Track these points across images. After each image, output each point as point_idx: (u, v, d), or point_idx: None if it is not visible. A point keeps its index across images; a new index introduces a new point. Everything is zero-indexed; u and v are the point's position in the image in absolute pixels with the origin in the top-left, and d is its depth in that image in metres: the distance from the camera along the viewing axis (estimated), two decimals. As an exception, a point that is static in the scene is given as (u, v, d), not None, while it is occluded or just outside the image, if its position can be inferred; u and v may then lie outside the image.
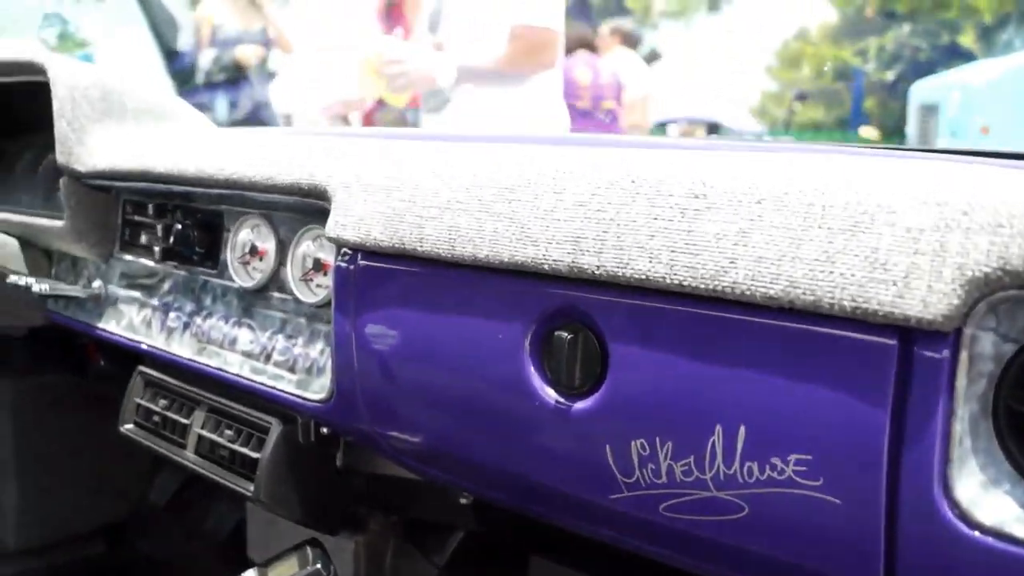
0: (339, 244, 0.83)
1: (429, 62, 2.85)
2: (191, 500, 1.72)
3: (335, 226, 0.83)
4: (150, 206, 1.15)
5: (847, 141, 13.42)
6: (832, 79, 21.99)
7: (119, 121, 1.22)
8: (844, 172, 0.59)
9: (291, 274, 0.97)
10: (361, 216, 0.81)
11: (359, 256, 0.82)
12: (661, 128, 13.15)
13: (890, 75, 18.14)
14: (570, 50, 5.23)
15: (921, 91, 9.02)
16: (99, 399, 1.51)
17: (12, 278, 1.30)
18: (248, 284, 1.02)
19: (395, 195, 0.79)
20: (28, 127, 1.50)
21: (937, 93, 8.64)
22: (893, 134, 12.02)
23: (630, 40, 7.05)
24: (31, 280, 1.27)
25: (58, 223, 1.24)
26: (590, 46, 5.86)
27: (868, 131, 14.53)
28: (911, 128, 8.87)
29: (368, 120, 3.40)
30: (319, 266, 0.95)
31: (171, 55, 6.39)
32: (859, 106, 16.91)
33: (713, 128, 14.96)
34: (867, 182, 0.56)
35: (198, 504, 1.71)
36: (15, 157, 1.55)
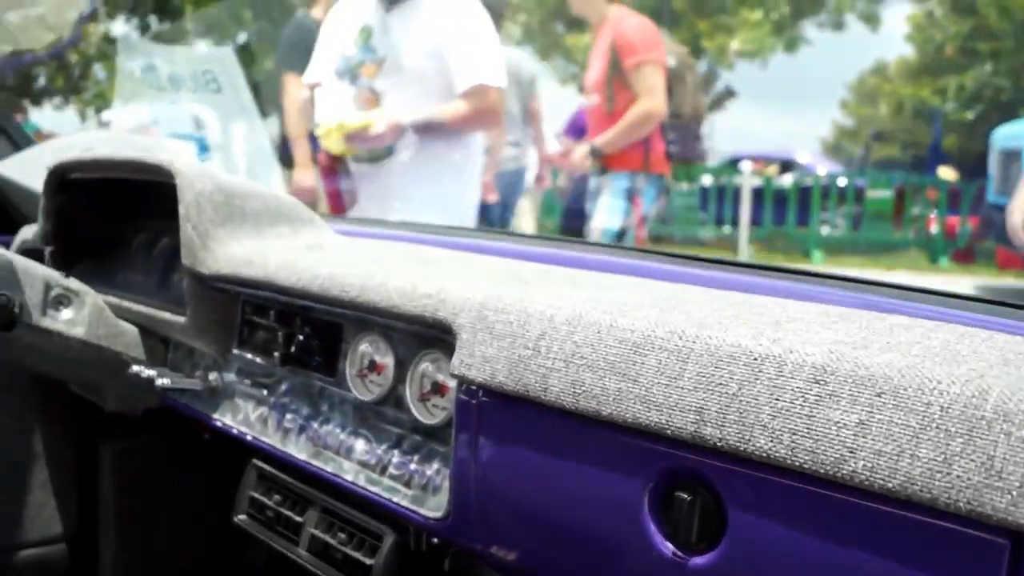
0: (463, 382, 0.88)
1: (395, 126, 2.85)
2: None
3: (460, 364, 0.87)
4: (271, 312, 1.21)
5: (924, 182, 13.27)
6: (910, 117, 21.70)
7: (239, 224, 1.28)
8: (963, 363, 0.62)
9: (409, 393, 1.02)
10: (486, 358, 0.85)
11: (482, 393, 0.87)
12: (733, 164, 13.14)
13: (970, 115, 17.88)
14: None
15: (1004, 137, 8.88)
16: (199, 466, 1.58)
17: (135, 368, 1.37)
18: (365, 398, 1.07)
19: (519, 342, 0.83)
20: (143, 210, 1.59)
21: (1020, 140, 8.50)
22: (972, 176, 11.83)
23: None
24: (153, 373, 1.34)
25: (180, 319, 1.31)
26: None
27: (947, 172, 14.34)
28: (993, 172, 8.74)
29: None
30: (437, 388, 0.99)
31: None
32: (937, 146, 16.67)
33: (786, 166, 14.90)
34: (986, 382, 0.59)
35: None
36: (130, 238, 1.63)
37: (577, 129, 6.56)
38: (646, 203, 4.00)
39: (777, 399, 0.65)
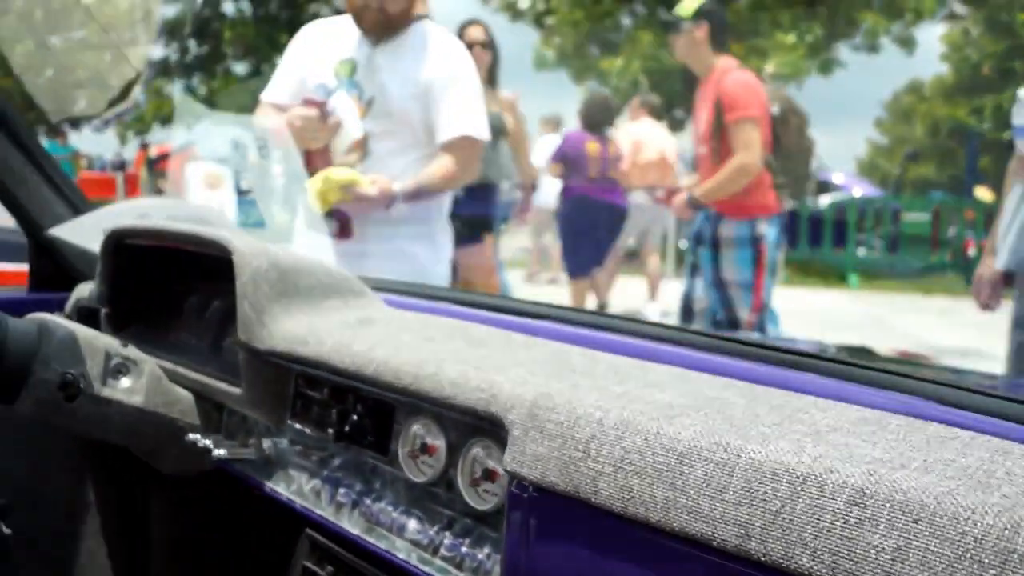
0: (514, 477, 0.91)
1: (387, 193, 2.74)
2: None
3: (512, 461, 0.91)
4: (325, 388, 1.25)
5: (961, 203, 13.17)
6: (946, 136, 21.56)
7: (293, 299, 1.33)
8: (997, 490, 0.65)
9: (460, 478, 1.05)
10: (537, 456, 0.89)
11: (533, 489, 0.90)
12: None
13: (1007, 135, 17.71)
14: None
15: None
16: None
17: (191, 436, 1.42)
18: (417, 479, 1.10)
19: (570, 444, 0.86)
20: (195, 272, 1.64)
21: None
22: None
23: (655, 111, 8.23)
24: (209, 443, 1.39)
25: (235, 390, 1.35)
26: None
27: (983, 191, 14.24)
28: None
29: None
30: (488, 474, 1.02)
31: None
32: (973, 166, 16.53)
33: (822, 186, 14.85)
34: (1018, 513, 0.61)
35: None
36: (183, 299, 1.69)
37: (562, 156, 6.81)
38: (772, 246, 4.22)
39: (818, 519, 0.68)
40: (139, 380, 1.45)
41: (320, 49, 2.94)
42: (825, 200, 13.49)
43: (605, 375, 1.01)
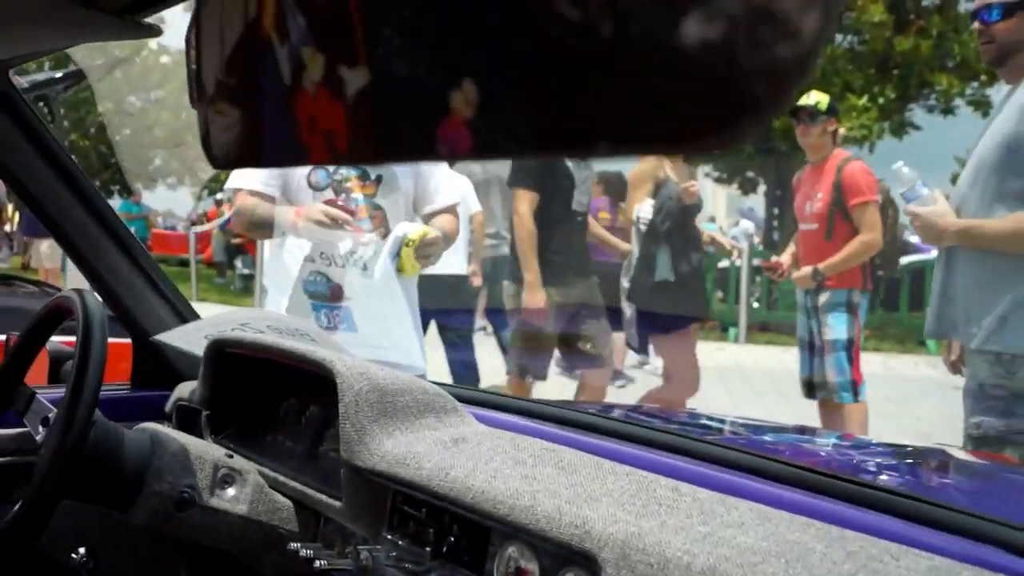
0: None
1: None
2: None
3: None
4: (423, 508, 1.30)
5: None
6: None
7: (391, 419, 1.38)
8: None
9: None
10: None
11: None
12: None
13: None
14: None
15: None
16: None
17: (293, 546, 1.47)
18: None
19: None
20: (290, 377, 1.70)
21: None
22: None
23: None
24: (310, 553, 1.44)
25: (335, 503, 1.41)
26: None
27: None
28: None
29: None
30: None
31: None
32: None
33: (901, 248, 14.65)
34: None
35: None
36: (280, 403, 1.75)
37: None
38: (863, 314, 4.76)
39: None
40: (244, 490, 1.51)
41: None
42: (903, 261, 13.28)
43: (689, 512, 1.05)
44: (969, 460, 2.14)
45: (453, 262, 4.80)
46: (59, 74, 4.03)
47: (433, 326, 5.17)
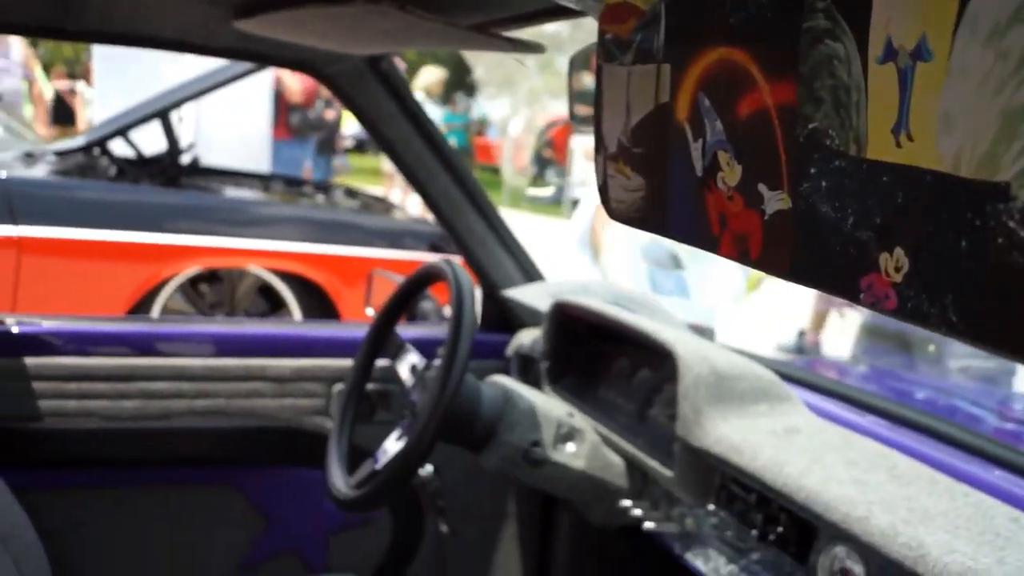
0: None
1: None
2: None
3: None
4: (752, 494, 1.40)
5: None
6: None
7: (728, 403, 1.48)
8: None
9: None
10: None
11: None
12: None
13: None
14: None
15: None
16: None
17: (624, 503, 1.63)
18: None
19: None
20: (623, 341, 1.83)
21: None
22: None
23: None
24: (640, 512, 1.59)
25: (668, 472, 1.53)
26: None
27: None
28: None
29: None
30: None
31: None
32: None
33: None
34: None
35: None
36: (613, 360, 1.89)
37: None
38: None
39: None
40: (582, 446, 1.67)
41: None
42: None
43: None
44: None
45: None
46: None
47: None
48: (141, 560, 1.95)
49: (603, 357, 1.92)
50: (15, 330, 1.85)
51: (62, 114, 9.92)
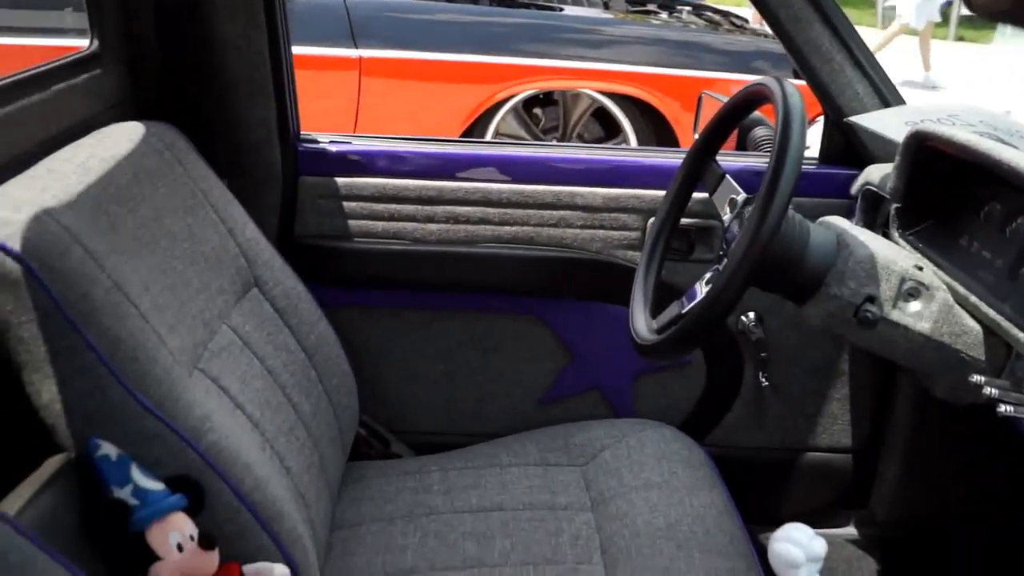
0: None
1: None
2: None
3: None
4: None
5: None
6: None
7: None
8: None
9: None
10: None
11: None
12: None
13: None
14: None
15: None
16: None
17: (976, 378, 1.33)
18: None
19: None
20: (1000, 179, 1.50)
21: None
22: None
23: None
24: (995, 393, 1.30)
25: None
26: None
27: None
28: None
29: None
30: None
31: None
32: None
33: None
34: None
35: None
36: (981, 203, 1.56)
37: None
38: None
39: None
40: (929, 306, 1.40)
41: None
42: None
43: None
44: None
45: None
46: None
47: None
48: (443, 384, 1.94)
49: (970, 200, 1.59)
50: (328, 149, 1.84)
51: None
